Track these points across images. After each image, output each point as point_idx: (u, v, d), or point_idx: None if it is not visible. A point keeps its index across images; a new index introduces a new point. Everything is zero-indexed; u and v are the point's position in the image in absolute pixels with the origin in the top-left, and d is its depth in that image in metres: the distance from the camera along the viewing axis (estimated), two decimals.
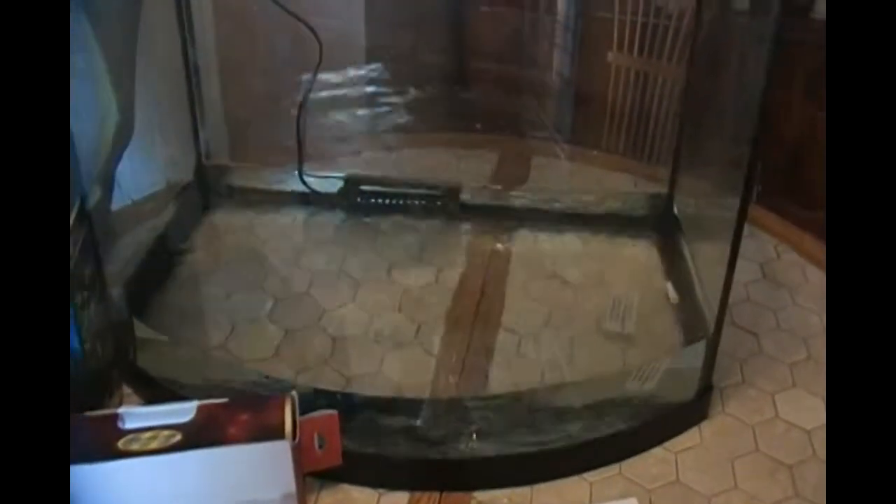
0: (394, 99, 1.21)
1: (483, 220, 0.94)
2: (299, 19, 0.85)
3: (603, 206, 0.96)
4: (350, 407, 0.65)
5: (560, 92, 1.36)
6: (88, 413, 0.58)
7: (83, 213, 0.63)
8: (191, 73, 0.95)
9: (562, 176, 1.07)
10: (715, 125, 0.91)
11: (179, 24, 0.92)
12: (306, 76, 0.94)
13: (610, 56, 1.57)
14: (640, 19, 1.56)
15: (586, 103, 1.42)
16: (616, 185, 1.04)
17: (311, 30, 0.85)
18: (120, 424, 0.56)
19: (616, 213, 0.95)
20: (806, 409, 0.72)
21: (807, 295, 0.87)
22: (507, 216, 0.95)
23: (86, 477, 0.53)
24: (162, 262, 0.84)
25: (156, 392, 0.70)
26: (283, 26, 0.94)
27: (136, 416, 0.56)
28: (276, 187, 0.97)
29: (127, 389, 0.71)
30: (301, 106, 0.88)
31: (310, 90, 0.87)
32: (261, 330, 0.77)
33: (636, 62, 1.57)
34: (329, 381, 0.71)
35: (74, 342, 0.60)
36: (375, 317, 0.80)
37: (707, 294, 0.76)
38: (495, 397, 0.71)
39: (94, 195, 0.82)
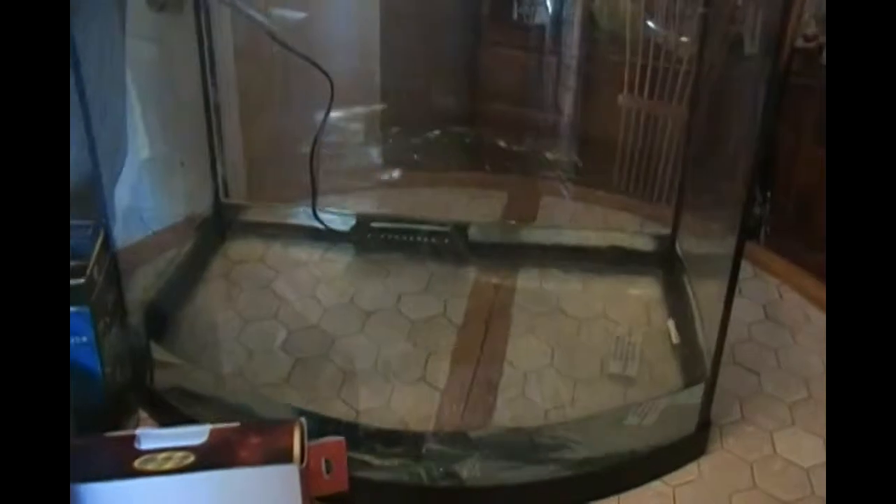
0: (405, 138, 1.24)
1: (490, 257, 0.96)
2: (311, 62, 0.88)
3: (608, 244, 0.98)
4: (357, 435, 0.67)
5: (569, 133, 1.39)
6: (107, 434, 0.60)
7: (107, 243, 0.66)
8: (210, 112, 0.98)
9: (569, 215, 1.10)
10: (719, 166, 0.94)
11: (202, 64, 0.96)
12: (320, 115, 0.97)
13: (620, 98, 1.60)
14: (650, 62, 1.60)
15: (595, 144, 1.45)
16: (621, 224, 1.07)
17: (323, 71, 0.88)
18: (136, 445, 0.58)
19: (620, 251, 0.97)
20: (805, 448, 0.74)
21: (808, 335, 0.89)
22: (514, 254, 0.97)
23: (103, 495, 0.55)
24: (180, 290, 0.87)
25: (170, 415, 0.72)
26: (299, 67, 0.97)
27: (151, 437, 0.59)
28: (290, 222, 0.99)
29: (143, 413, 0.73)
30: (314, 144, 0.91)
31: (322, 129, 0.90)
32: (273, 358, 0.80)
33: (645, 104, 1.60)
34: (337, 410, 0.74)
35: (96, 366, 0.63)
36: (383, 348, 0.82)
37: (708, 333, 0.78)
38: (498, 431, 0.73)
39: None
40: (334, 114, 0.98)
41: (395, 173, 1.19)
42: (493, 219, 1.06)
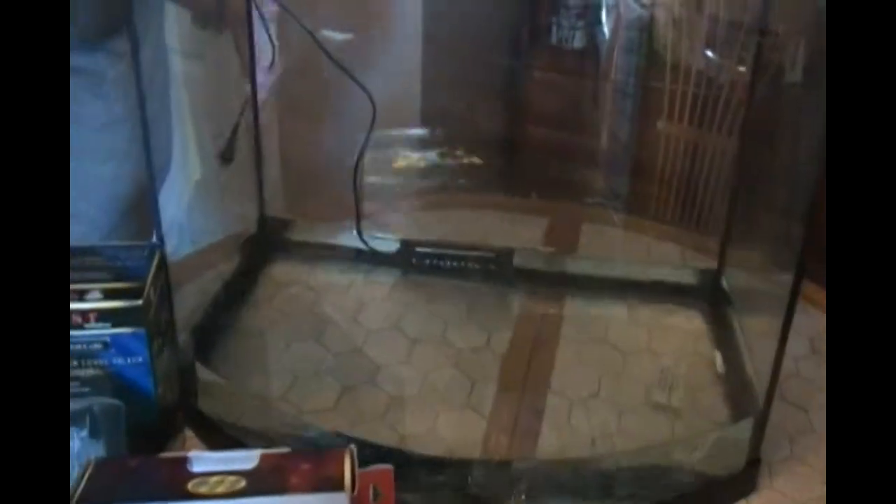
0: (448, 161, 1.25)
1: (534, 284, 0.96)
2: (354, 79, 0.89)
3: (652, 275, 0.97)
4: (404, 463, 0.66)
5: (611, 160, 1.39)
6: (160, 455, 0.60)
7: (163, 263, 0.67)
8: (258, 128, 0.99)
9: (612, 243, 1.09)
10: (767, 198, 0.93)
11: (251, 81, 0.97)
12: (362, 135, 0.98)
13: (660, 125, 1.60)
14: (691, 89, 1.59)
15: (637, 171, 1.44)
16: (665, 254, 1.06)
17: (365, 90, 0.89)
18: (189, 467, 0.58)
19: (665, 282, 0.96)
20: None
21: None
22: (558, 281, 0.97)
23: None
24: (224, 310, 0.88)
25: (216, 436, 0.73)
26: (341, 87, 0.98)
27: (204, 460, 0.59)
28: (332, 242, 1.00)
29: (189, 433, 0.74)
30: (357, 164, 0.91)
31: (364, 149, 0.91)
32: (318, 383, 0.80)
33: (686, 132, 1.59)
34: (383, 436, 0.73)
35: (150, 387, 0.63)
36: (429, 375, 0.82)
37: (756, 368, 0.77)
38: (544, 460, 0.72)
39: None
40: (377, 135, 0.99)
41: (435, 196, 1.19)
42: (533, 244, 1.05)
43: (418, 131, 1.31)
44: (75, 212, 0.77)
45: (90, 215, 0.89)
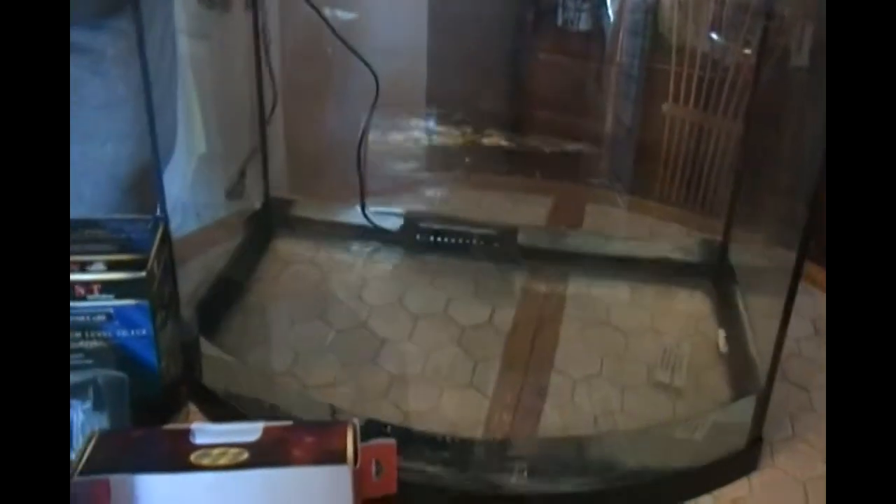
0: (452, 140, 1.24)
1: (538, 262, 0.96)
2: (356, 54, 0.89)
3: (657, 254, 0.97)
4: (405, 438, 0.67)
5: (617, 141, 1.38)
6: (163, 427, 0.60)
7: (166, 236, 0.67)
8: (263, 109, 0.99)
9: (616, 223, 1.09)
10: (771, 180, 0.93)
11: (257, 61, 0.96)
12: (370, 115, 0.97)
13: (665, 107, 1.59)
14: (696, 72, 1.59)
15: (641, 153, 1.44)
16: (670, 234, 1.06)
17: (368, 65, 0.88)
18: (192, 439, 0.58)
19: (669, 261, 0.96)
20: None
21: None
22: (562, 260, 0.97)
23: (159, 487, 0.55)
24: (228, 286, 0.88)
25: (219, 410, 0.73)
26: (347, 66, 0.98)
27: (206, 432, 0.59)
28: (337, 220, 1.00)
29: (192, 407, 0.74)
30: (360, 142, 0.91)
31: (367, 126, 0.91)
32: (321, 358, 0.80)
33: (692, 114, 1.59)
34: (385, 413, 0.73)
35: (153, 359, 0.63)
36: (432, 352, 0.82)
37: (759, 347, 0.77)
38: (547, 438, 0.73)
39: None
40: (382, 114, 0.99)
41: (440, 175, 1.19)
42: (537, 223, 1.05)
43: (423, 111, 1.30)
44: (74, 193, 0.78)
45: (88, 196, 0.88)
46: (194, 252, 0.90)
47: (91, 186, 0.89)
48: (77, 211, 0.59)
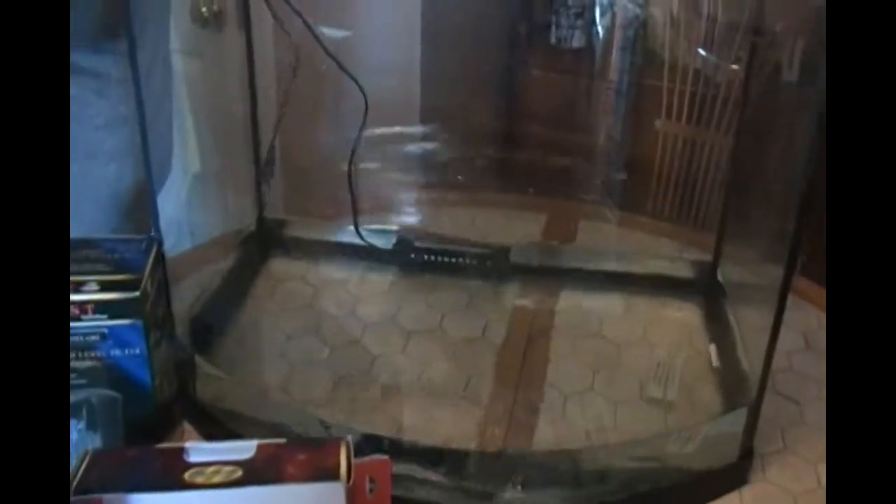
0: (445, 158, 1.25)
1: (530, 278, 0.96)
2: (346, 71, 0.90)
3: (648, 268, 0.98)
4: (399, 454, 0.67)
5: (608, 157, 1.39)
6: (157, 445, 0.61)
7: (160, 256, 0.67)
8: (257, 128, 1.00)
9: (608, 239, 1.10)
10: (761, 195, 0.94)
11: (250, 79, 0.97)
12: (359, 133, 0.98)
13: (658, 123, 1.60)
14: (688, 88, 1.60)
15: (634, 169, 1.45)
16: (661, 249, 1.07)
17: (357, 83, 0.89)
18: (185, 457, 0.59)
19: (661, 276, 0.97)
20: None
21: None
22: (555, 276, 0.98)
23: None
24: (223, 304, 0.88)
25: (213, 428, 0.73)
26: (339, 85, 0.99)
27: (200, 450, 0.59)
28: (330, 239, 1.01)
29: (187, 426, 0.74)
30: (351, 159, 0.92)
31: (357, 143, 0.91)
32: (315, 374, 0.80)
33: (684, 130, 1.60)
34: (379, 427, 0.74)
35: (147, 378, 0.64)
36: (425, 367, 0.82)
37: (750, 360, 0.78)
38: (540, 452, 0.73)
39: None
40: (375, 132, 1.00)
41: (434, 193, 1.20)
42: (530, 240, 1.06)
43: (416, 128, 1.31)
44: (76, 213, 0.78)
45: (89, 216, 0.90)
46: (188, 271, 0.90)
47: (93, 205, 0.90)
48: (78, 231, 0.59)
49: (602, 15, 1.87)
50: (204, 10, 1.26)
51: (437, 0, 1.52)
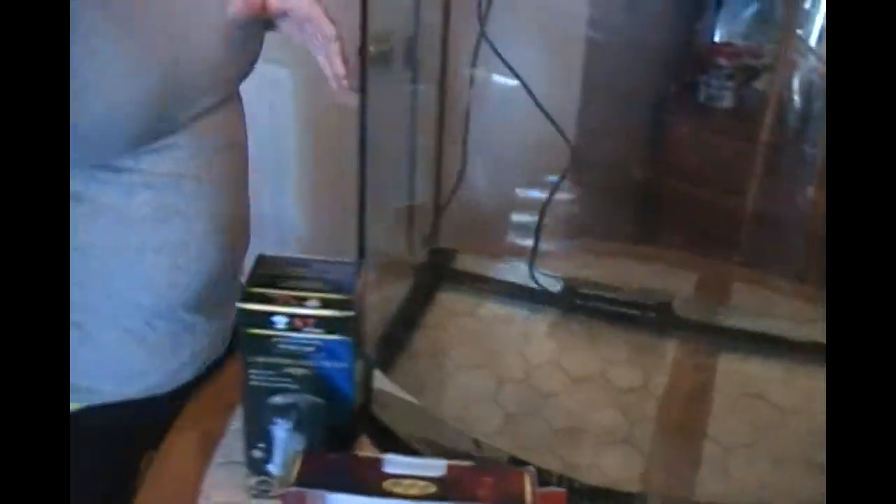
0: (593, 207, 1.28)
1: (691, 333, 0.98)
2: (554, 124, 0.94)
3: (806, 334, 0.98)
4: (570, 490, 0.70)
5: (764, 220, 1.39)
6: (356, 453, 0.66)
7: (365, 280, 0.73)
8: (440, 159, 1.06)
9: (762, 301, 1.10)
10: None
11: (439, 114, 1.04)
12: (552, 178, 1.02)
13: (813, 190, 1.59)
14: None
15: (786, 232, 1.44)
16: (815, 316, 1.07)
17: (564, 136, 0.94)
18: (382, 468, 0.64)
19: (819, 343, 0.97)
20: None
21: None
22: (714, 333, 0.99)
23: None
24: (399, 328, 0.94)
25: (387, 442, 0.78)
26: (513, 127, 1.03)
27: (396, 463, 0.64)
28: (500, 277, 1.05)
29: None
30: (544, 207, 0.96)
31: (553, 192, 0.95)
32: (486, 407, 0.85)
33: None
34: (545, 464, 0.77)
35: (350, 391, 0.69)
36: (590, 411, 0.85)
37: None
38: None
39: None
40: (531, 178, 1.05)
41: (583, 242, 1.23)
42: (688, 296, 1.08)
43: (573, 176, 1.35)
44: (135, 301, 0.81)
45: (147, 304, 0.85)
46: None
47: (148, 294, 0.84)
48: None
49: (753, 78, 1.89)
50: (372, 48, 1.33)
51: (598, 54, 1.56)
